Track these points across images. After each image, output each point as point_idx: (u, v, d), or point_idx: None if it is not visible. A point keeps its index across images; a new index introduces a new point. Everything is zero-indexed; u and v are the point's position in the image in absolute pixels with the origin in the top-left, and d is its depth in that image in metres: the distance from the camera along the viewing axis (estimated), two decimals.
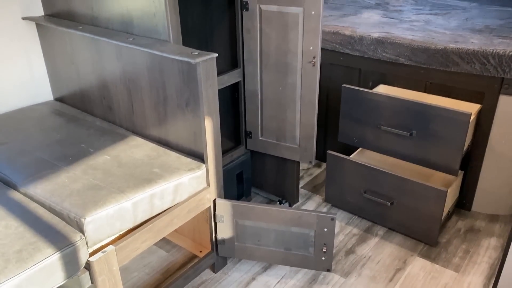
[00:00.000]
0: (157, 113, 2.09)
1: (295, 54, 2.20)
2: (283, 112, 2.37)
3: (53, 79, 2.59)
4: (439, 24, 2.76)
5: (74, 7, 2.28)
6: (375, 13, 3.11)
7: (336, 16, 3.04)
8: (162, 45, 1.91)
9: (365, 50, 2.64)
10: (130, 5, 2.01)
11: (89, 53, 2.25)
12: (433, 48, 2.39)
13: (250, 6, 2.22)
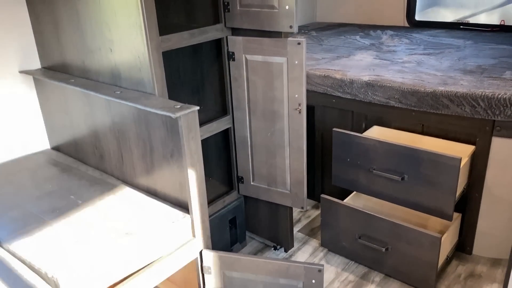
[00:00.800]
0: (145, 163, 2.11)
1: (281, 101, 2.21)
2: (273, 157, 2.37)
3: (50, 128, 2.65)
4: (430, 65, 2.76)
5: (67, 60, 2.36)
6: (368, 54, 3.13)
7: (329, 59, 3.07)
8: (147, 98, 1.95)
9: (356, 93, 2.65)
10: (118, 59, 2.07)
11: (81, 105, 2.31)
12: (423, 91, 2.39)
13: (236, 56, 2.26)
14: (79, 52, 2.26)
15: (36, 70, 2.53)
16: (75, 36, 2.22)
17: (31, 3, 2.40)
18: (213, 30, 2.20)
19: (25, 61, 2.50)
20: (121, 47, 2.02)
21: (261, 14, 2.07)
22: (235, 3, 2.14)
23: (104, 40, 2.08)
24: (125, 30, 1.96)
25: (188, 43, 2.11)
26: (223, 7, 2.20)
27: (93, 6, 2.05)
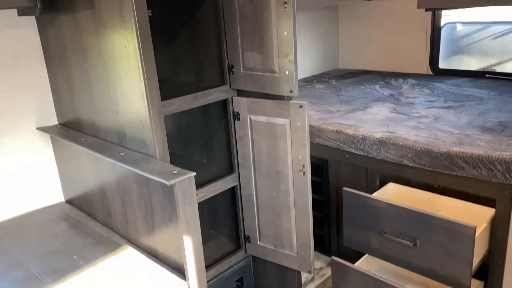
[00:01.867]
0: (146, 224, 2.10)
1: (285, 162, 2.17)
2: (279, 218, 2.31)
3: (64, 182, 2.71)
4: (448, 121, 2.65)
5: (80, 118, 2.44)
6: (385, 107, 3.06)
7: (344, 112, 3.02)
8: (148, 162, 1.96)
9: (369, 150, 2.57)
10: (123, 121, 2.11)
11: (90, 163, 2.36)
12: (436, 151, 2.28)
13: (241, 116, 2.26)
14: (90, 112, 2.33)
15: (52, 126, 2.63)
16: (86, 96, 2.30)
17: (50, 64, 2.52)
18: (217, 91, 2.22)
19: (43, 117, 2.60)
20: (126, 110, 2.06)
21: (263, 78, 2.07)
22: (239, 66, 2.15)
23: (111, 102, 2.13)
24: (129, 95, 2.00)
25: (191, 106, 2.13)
26: (228, 69, 2.22)
27: (101, 70, 2.12)
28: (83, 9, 2.07)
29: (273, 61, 1.99)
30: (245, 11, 2.02)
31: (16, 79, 2.46)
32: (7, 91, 2.44)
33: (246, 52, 2.10)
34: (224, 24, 2.15)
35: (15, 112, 2.49)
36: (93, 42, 2.10)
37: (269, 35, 1.95)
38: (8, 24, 2.37)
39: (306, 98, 3.43)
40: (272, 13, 1.91)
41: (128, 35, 1.87)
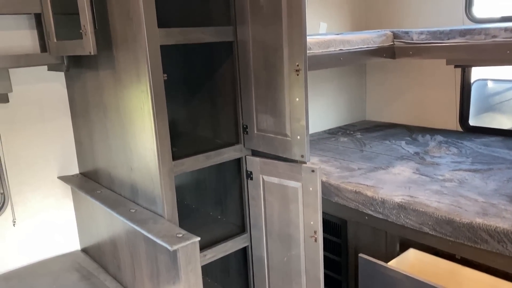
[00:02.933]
0: (153, 283, 2.07)
1: (296, 226, 2.11)
2: (290, 284, 2.22)
3: (81, 231, 2.75)
4: (473, 186, 2.52)
5: (98, 170, 2.49)
6: (408, 166, 2.95)
7: (365, 170, 2.94)
8: (155, 222, 1.96)
9: (388, 213, 2.47)
10: (136, 178, 2.13)
11: (104, 216, 2.38)
12: (458, 221, 2.16)
13: (254, 176, 2.23)
14: (107, 164, 2.37)
15: (73, 175, 2.69)
16: (105, 149, 2.35)
17: (75, 116, 2.61)
18: (230, 151, 2.21)
19: (65, 166, 2.68)
20: (139, 167, 2.09)
21: (276, 141, 2.05)
22: (253, 127, 2.15)
23: (126, 158, 2.17)
24: (142, 153, 2.03)
25: (203, 165, 2.13)
26: (242, 129, 2.22)
27: (119, 127, 2.17)
28: (105, 69, 2.15)
29: (285, 125, 1.97)
30: (260, 75, 2.03)
31: (42, 129, 2.56)
32: (33, 140, 2.53)
33: (259, 114, 2.10)
34: (240, 85, 2.17)
35: (39, 161, 2.57)
36: (112, 100, 2.17)
37: (282, 100, 1.95)
38: (38, 78, 2.50)
39: (328, 153, 3.38)
40: (284, 79, 1.91)
41: (143, 97, 1.91)
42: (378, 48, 2.90)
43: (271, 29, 1.92)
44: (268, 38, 1.95)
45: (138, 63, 1.89)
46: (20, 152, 2.50)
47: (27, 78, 2.45)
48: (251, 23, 2.02)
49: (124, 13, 1.89)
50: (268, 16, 1.92)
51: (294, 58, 1.84)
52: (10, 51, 2.32)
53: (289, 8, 1.81)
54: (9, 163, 2.46)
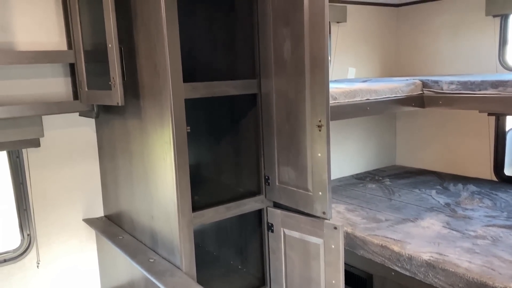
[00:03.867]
0: None
1: (318, 284, 2.03)
2: None
3: (102, 274, 2.75)
4: (509, 245, 2.38)
5: (122, 215, 2.51)
6: (438, 219, 2.83)
7: (393, 222, 2.84)
8: (172, 275, 1.93)
9: (415, 271, 2.35)
10: (157, 227, 2.13)
11: (124, 261, 2.37)
12: (491, 286, 2.03)
13: (275, 228, 2.19)
14: (130, 210, 2.39)
15: (98, 218, 2.72)
16: (128, 195, 2.38)
17: (102, 160, 2.66)
18: (251, 202, 2.19)
19: (90, 208, 2.72)
20: (159, 216, 2.09)
21: (297, 194, 2.01)
22: (275, 179, 2.13)
23: (148, 206, 2.18)
24: (163, 203, 2.03)
25: (223, 216, 2.11)
26: (264, 180, 2.20)
27: (142, 175, 2.19)
28: (132, 117, 2.20)
29: (306, 179, 1.94)
30: (282, 127, 2.03)
31: (71, 172, 2.62)
32: (61, 183, 2.59)
33: (281, 166, 2.08)
34: (263, 136, 2.17)
35: (65, 203, 2.62)
36: (137, 147, 2.20)
37: (304, 154, 1.93)
38: (69, 123, 2.58)
39: (355, 200, 3.30)
40: (307, 134, 1.89)
41: (166, 148, 1.93)
42: (407, 97, 2.85)
43: (294, 83, 1.93)
44: (291, 92, 1.95)
45: (163, 115, 1.92)
46: (48, 194, 2.55)
47: (59, 123, 2.53)
48: (275, 76, 2.03)
49: (151, 67, 1.94)
50: (291, 71, 1.93)
51: (317, 114, 1.83)
52: (45, 97, 2.42)
53: (312, 65, 1.81)
54: (36, 205, 2.52)
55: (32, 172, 2.48)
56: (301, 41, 1.83)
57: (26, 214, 2.51)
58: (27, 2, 2.30)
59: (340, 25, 3.75)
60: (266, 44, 2.02)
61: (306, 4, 1.78)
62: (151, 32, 1.89)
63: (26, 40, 2.34)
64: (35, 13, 2.33)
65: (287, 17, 1.89)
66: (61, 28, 2.40)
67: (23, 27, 2.32)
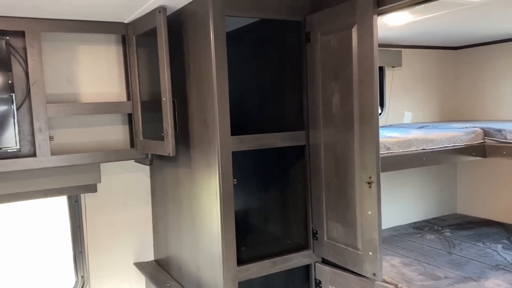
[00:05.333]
0: None
1: None
2: None
3: None
4: None
5: (170, 261, 2.54)
6: (505, 279, 2.59)
7: (453, 280, 2.63)
8: None
9: None
10: (202, 278, 2.12)
11: None
12: None
13: (323, 286, 2.11)
14: (178, 258, 2.41)
15: (148, 262, 2.77)
16: (176, 242, 2.41)
17: (155, 205, 2.74)
18: (299, 256, 2.13)
19: (141, 252, 2.78)
20: (205, 267, 2.08)
21: (346, 252, 1.93)
22: (323, 234, 2.06)
23: (194, 255, 2.19)
24: (208, 254, 2.03)
25: (269, 271, 2.06)
26: (312, 234, 2.14)
27: (190, 223, 2.22)
28: (182, 167, 2.25)
29: (356, 237, 1.86)
30: (330, 182, 1.98)
31: (124, 216, 2.71)
32: (115, 227, 2.68)
33: (330, 222, 2.01)
34: (311, 189, 2.13)
35: (118, 246, 2.70)
36: (186, 196, 2.24)
37: (353, 210, 1.86)
38: (125, 169, 2.69)
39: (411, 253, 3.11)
40: (356, 190, 1.83)
41: (213, 200, 1.95)
42: (466, 146, 2.70)
43: (342, 137, 1.89)
44: (340, 146, 1.91)
45: (210, 167, 1.95)
46: (102, 238, 2.65)
47: (115, 169, 2.65)
48: (323, 129, 2.01)
49: (201, 120, 2.00)
50: (340, 125, 1.90)
51: (367, 170, 1.77)
52: (104, 144, 2.55)
53: (361, 120, 1.77)
54: (91, 248, 2.61)
55: (89, 215, 2.59)
56: (350, 95, 1.81)
57: (81, 256, 2.61)
58: (91, 57, 2.48)
59: (395, 69, 3.68)
60: (315, 96, 2.02)
61: (355, 61, 1.76)
62: (203, 87, 1.95)
63: (89, 91, 2.50)
64: (99, 67, 2.50)
65: (336, 71, 1.88)
66: (121, 80, 2.55)
67: (87, 80, 2.49)
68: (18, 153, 2.19)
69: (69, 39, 2.40)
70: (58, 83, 2.37)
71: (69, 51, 2.42)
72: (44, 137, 2.20)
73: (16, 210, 2.61)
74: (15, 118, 2.13)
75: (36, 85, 2.17)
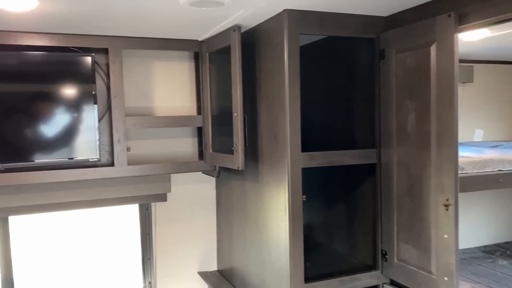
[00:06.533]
0: None
1: None
2: None
3: None
4: None
5: (234, 272, 2.57)
6: None
7: None
8: None
9: None
10: None
11: None
12: None
13: None
14: (242, 269, 2.44)
15: (212, 272, 2.82)
16: (241, 255, 2.44)
17: (219, 216, 2.80)
18: (366, 277, 2.08)
19: (205, 262, 2.84)
20: (271, 282, 2.10)
21: (418, 276, 1.87)
22: (393, 255, 2.01)
23: (260, 269, 2.20)
24: (275, 269, 2.04)
25: None
26: (381, 254, 2.09)
27: (256, 237, 2.24)
28: (250, 180, 2.29)
29: (430, 261, 1.79)
30: (403, 202, 1.93)
31: (191, 225, 2.79)
32: (182, 235, 2.77)
33: (401, 243, 1.96)
34: (381, 207, 2.08)
35: (183, 254, 2.78)
36: (253, 209, 2.27)
37: (427, 233, 1.80)
38: (193, 179, 2.77)
39: (483, 279, 2.94)
40: (431, 212, 1.77)
41: (281, 215, 1.96)
42: None
43: (417, 157, 1.84)
44: (414, 165, 1.86)
45: (280, 182, 1.96)
46: (169, 245, 2.74)
47: (184, 179, 2.74)
48: (397, 147, 1.96)
49: (271, 136, 2.02)
50: (415, 144, 1.85)
51: (443, 191, 1.71)
52: (173, 155, 2.65)
53: (439, 140, 1.72)
54: (159, 255, 2.71)
55: (158, 224, 2.69)
56: (427, 114, 1.76)
57: (149, 263, 2.71)
58: (165, 73, 2.60)
59: (465, 85, 3.53)
60: (388, 114, 1.98)
61: (434, 79, 1.72)
62: (274, 104, 1.98)
63: (162, 105, 2.62)
64: (172, 83, 2.62)
65: (412, 89, 1.84)
66: (192, 95, 2.65)
67: (160, 94, 2.61)
68: (98, 162, 2.33)
69: (145, 55, 2.53)
70: (134, 96, 2.50)
71: (145, 67, 2.55)
72: (122, 148, 2.33)
73: (90, 217, 2.76)
74: (97, 130, 2.27)
75: (117, 99, 2.30)
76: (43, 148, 2.20)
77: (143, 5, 1.74)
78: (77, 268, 2.78)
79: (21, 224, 2.55)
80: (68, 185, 2.38)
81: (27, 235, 2.59)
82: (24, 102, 2.21)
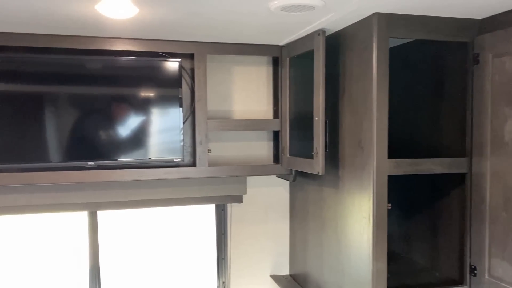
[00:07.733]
0: None
1: None
2: None
3: None
4: None
5: (307, 278, 2.55)
6: None
7: None
8: None
9: None
10: None
11: None
12: None
13: None
14: (316, 276, 2.42)
15: (284, 276, 2.83)
16: (316, 261, 2.41)
17: (293, 221, 2.79)
18: None
19: (277, 265, 2.85)
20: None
21: None
22: (483, 271, 1.89)
23: (337, 277, 2.17)
24: (356, 279, 2.00)
25: None
26: (469, 269, 1.98)
27: (334, 244, 2.21)
28: (328, 186, 2.26)
29: None
30: (497, 216, 1.82)
31: (264, 228, 2.81)
32: (255, 237, 2.80)
33: (494, 259, 1.84)
34: (470, 220, 1.97)
35: (256, 256, 2.80)
36: (331, 216, 2.24)
37: None
38: (267, 183, 2.79)
39: None
40: None
41: (364, 224, 1.92)
42: None
43: None
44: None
45: (363, 189, 1.92)
46: (243, 247, 2.77)
47: (259, 182, 2.77)
48: (491, 157, 1.85)
49: (354, 142, 1.99)
50: None
51: None
52: (249, 158, 2.69)
53: None
54: (233, 256, 2.75)
55: (233, 225, 2.74)
56: None
57: (223, 263, 2.77)
58: (244, 77, 2.65)
59: None
60: (482, 122, 1.88)
61: None
62: (358, 109, 1.95)
63: (240, 109, 2.67)
64: (249, 87, 2.66)
65: (510, 96, 1.73)
66: (268, 99, 2.68)
67: (238, 98, 2.66)
68: (181, 162, 2.42)
69: (225, 60, 2.59)
70: (215, 100, 2.56)
71: (225, 72, 2.61)
72: (203, 149, 2.40)
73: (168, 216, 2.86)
74: (182, 131, 2.36)
75: (200, 102, 2.38)
76: (128, 148, 2.33)
77: (234, 11, 1.78)
78: (154, 264, 2.89)
79: (107, 218, 2.70)
80: (150, 184, 2.49)
81: (112, 230, 2.74)
82: (111, 104, 2.34)
